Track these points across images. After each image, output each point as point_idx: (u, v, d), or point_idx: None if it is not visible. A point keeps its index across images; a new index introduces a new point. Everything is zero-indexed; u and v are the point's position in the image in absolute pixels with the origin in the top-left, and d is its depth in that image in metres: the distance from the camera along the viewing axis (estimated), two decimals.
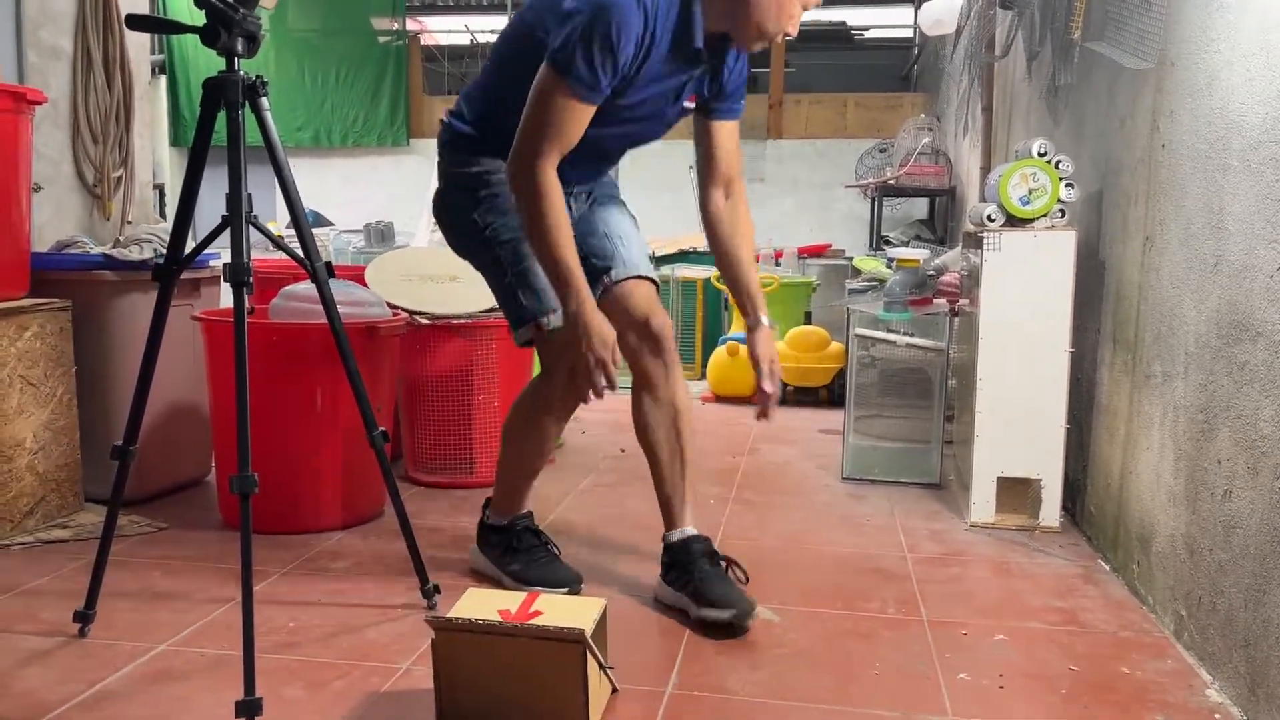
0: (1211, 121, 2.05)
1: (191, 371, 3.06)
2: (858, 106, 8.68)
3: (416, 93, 9.18)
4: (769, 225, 8.65)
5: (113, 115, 3.50)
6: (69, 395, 2.77)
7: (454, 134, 2.23)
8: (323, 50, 9.01)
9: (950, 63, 5.31)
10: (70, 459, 2.78)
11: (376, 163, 9.21)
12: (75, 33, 3.40)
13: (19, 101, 2.63)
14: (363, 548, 2.61)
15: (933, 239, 6.58)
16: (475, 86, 2.26)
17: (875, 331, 3.67)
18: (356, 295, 2.88)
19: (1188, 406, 2.12)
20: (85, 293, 2.84)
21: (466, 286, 3.35)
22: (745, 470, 3.57)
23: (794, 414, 4.70)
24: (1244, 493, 1.82)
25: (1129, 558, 2.44)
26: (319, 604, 2.22)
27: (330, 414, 2.68)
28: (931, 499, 3.20)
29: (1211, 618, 1.93)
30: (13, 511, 2.61)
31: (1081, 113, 3.08)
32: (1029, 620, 2.20)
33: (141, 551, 2.55)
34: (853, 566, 2.55)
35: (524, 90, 1.98)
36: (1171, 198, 2.26)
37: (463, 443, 3.19)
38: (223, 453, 2.81)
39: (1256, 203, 1.82)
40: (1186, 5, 2.21)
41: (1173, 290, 2.23)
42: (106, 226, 3.49)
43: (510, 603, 1.71)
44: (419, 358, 3.17)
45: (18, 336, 2.60)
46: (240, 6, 1.82)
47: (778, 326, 5.59)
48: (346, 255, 7.57)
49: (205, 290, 3.18)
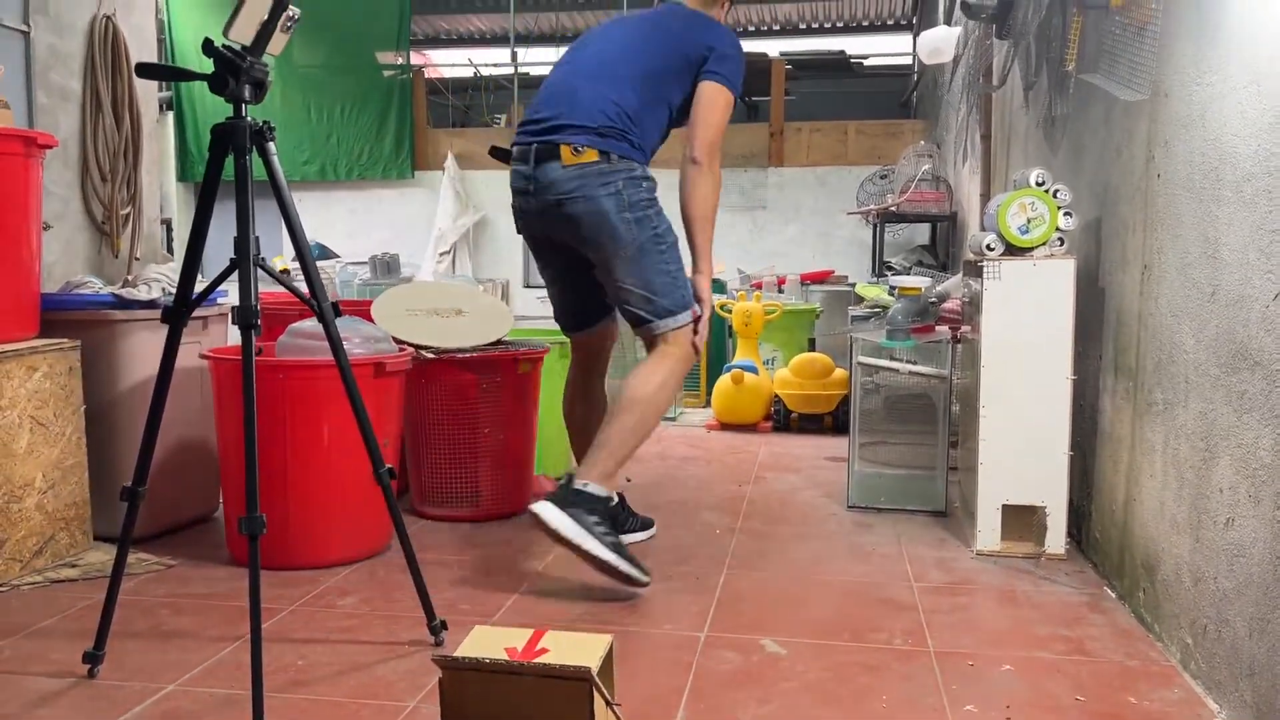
0: (1205, 153, 2.07)
1: (199, 407, 3.08)
2: (858, 134, 8.73)
3: (421, 126, 9.26)
4: (771, 252, 8.70)
5: (121, 154, 3.55)
6: (78, 434, 2.80)
7: (626, 149, 2.61)
8: (328, 85, 9.10)
9: (949, 91, 5.35)
10: (79, 498, 2.80)
11: (382, 195, 9.28)
12: (84, 74, 3.46)
13: (29, 145, 2.67)
14: (370, 583, 2.62)
15: (935, 265, 6.60)
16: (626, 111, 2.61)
17: (878, 360, 3.69)
18: (363, 331, 2.91)
19: (1189, 434, 2.13)
20: (94, 332, 2.87)
21: (472, 320, 3.38)
22: (751, 499, 3.58)
23: (799, 441, 4.71)
24: (1246, 521, 1.83)
25: (1135, 585, 2.44)
26: (327, 641, 2.23)
27: (337, 450, 2.70)
28: (937, 527, 3.20)
29: (1217, 646, 1.94)
30: (22, 551, 2.63)
31: (1079, 142, 3.11)
32: (1036, 650, 2.20)
33: (150, 590, 2.57)
34: (860, 597, 2.55)
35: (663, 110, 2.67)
36: (1168, 227, 2.28)
37: (469, 476, 3.21)
38: (231, 489, 2.83)
39: (1251, 233, 1.84)
40: (1179, 37, 2.24)
41: (1171, 319, 2.25)
42: (115, 263, 3.53)
43: (517, 640, 1.72)
44: (425, 391, 3.19)
45: (28, 377, 2.63)
46: (248, 54, 1.86)
47: (780, 354, 5.62)
48: (352, 287, 7.61)
49: (213, 327, 3.21)
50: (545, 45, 11.10)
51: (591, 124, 2.58)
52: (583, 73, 2.69)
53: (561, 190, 2.59)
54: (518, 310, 8.17)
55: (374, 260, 7.89)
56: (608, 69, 2.66)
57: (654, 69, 2.65)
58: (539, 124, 2.66)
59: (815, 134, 8.81)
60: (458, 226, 8.94)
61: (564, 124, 2.60)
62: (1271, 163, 1.77)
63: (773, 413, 5.02)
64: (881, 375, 3.84)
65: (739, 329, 5.33)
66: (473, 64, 10.91)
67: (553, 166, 2.59)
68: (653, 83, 2.65)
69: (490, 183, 9.20)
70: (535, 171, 2.62)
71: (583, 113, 2.60)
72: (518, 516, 3.28)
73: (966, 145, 5.27)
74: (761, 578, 2.70)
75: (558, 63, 2.84)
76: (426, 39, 11.44)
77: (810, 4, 10.32)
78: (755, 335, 5.31)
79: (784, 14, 10.75)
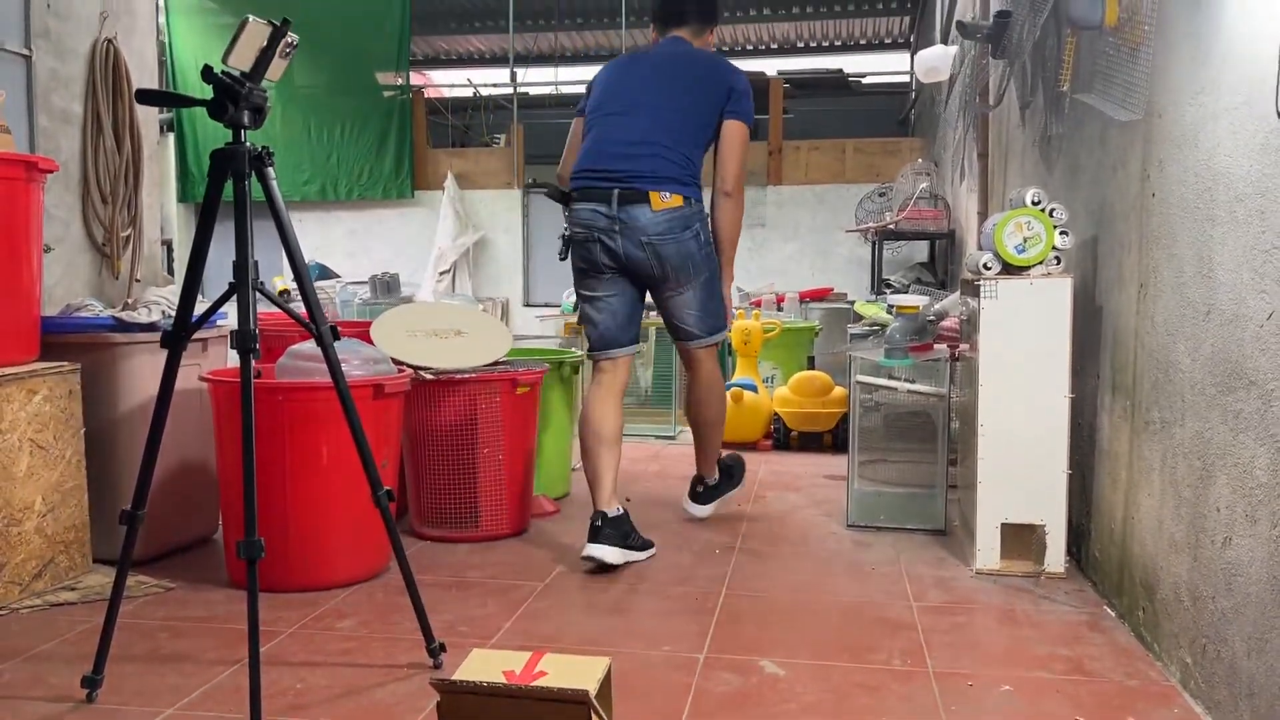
0: (1199, 173, 2.08)
1: (198, 429, 3.09)
2: (856, 152, 8.77)
3: (421, 146, 9.30)
4: (771, 270, 8.71)
5: (122, 176, 3.57)
6: (78, 457, 2.80)
7: (696, 192, 3.11)
8: (328, 105, 9.15)
9: (946, 110, 5.38)
10: (79, 520, 2.81)
11: (382, 215, 9.31)
12: (86, 97, 3.48)
13: (30, 170, 2.69)
14: (369, 606, 2.62)
15: (933, 282, 6.62)
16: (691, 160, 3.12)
17: (876, 378, 3.69)
18: (362, 353, 2.92)
19: (1186, 453, 2.13)
20: (94, 355, 2.88)
21: (471, 341, 3.39)
22: (751, 517, 3.58)
23: (799, 459, 4.71)
24: (1243, 540, 1.83)
25: (1134, 604, 2.44)
26: (326, 664, 2.23)
27: (336, 472, 2.70)
28: (937, 545, 3.20)
29: (1216, 666, 1.93)
30: (21, 574, 2.63)
31: (1075, 160, 3.13)
32: (1035, 669, 2.20)
33: (149, 613, 2.57)
34: (859, 617, 2.55)
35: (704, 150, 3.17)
36: (1163, 246, 2.29)
37: (468, 497, 3.21)
38: (230, 511, 2.83)
39: (1244, 253, 1.85)
40: (1172, 58, 2.25)
41: (1167, 337, 2.26)
42: (115, 285, 3.54)
43: (515, 663, 1.72)
44: (424, 412, 3.20)
45: (27, 400, 2.64)
46: (247, 80, 1.87)
47: (780, 372, 5.63)
48: (353, 307, 7.64)
49: (213, 349, 3.22)
50: (544, 65, 11.16)
51: (672, 175, 3.07)
52: (645, 127, 3.11)
53: (653, 231, 3.05)
54: (517, 329, 8.19)
55: (374, 280, 7.92)
56: (663, 122, 3.11)
57: (701, 121, 3.15)
58: (614, 172, 3.08)
59: (814, 152, 8.84)
60: (457, 246, 8.96)
61: (646, 173, 3.06)
62: (1264, 183, 1.78)
63: (772, 431, 5.02)
64: (881, 393, 3.85)
65: (738, 347, 5.34)
66: (472, 84, 10.97)
67: (642, 210, 3.04)
68: (702, 132, 3.16)
69: (490, 202, 9.23)
70: (620, 213, 3.05)
71: (662, 164, 3.07)
72: (517, 536, 3.28)
73: (964, 163, 5.29)
74: (761, 598, 2.70)
75: (600, 110, 3.21)
76: (426, 59, 11.50)
77: (808, 23, 10.38)
78: (754, 353, 5.32)
79: (782, 33, 10.82)
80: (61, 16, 3.37)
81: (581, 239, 3.11)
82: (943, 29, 6.66)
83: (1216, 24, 2.00)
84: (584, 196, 3.11)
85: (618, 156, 3.08)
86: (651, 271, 3.10)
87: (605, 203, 3.06)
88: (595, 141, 3.16)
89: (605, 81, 3.25)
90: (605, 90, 3.23)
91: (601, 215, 3.06)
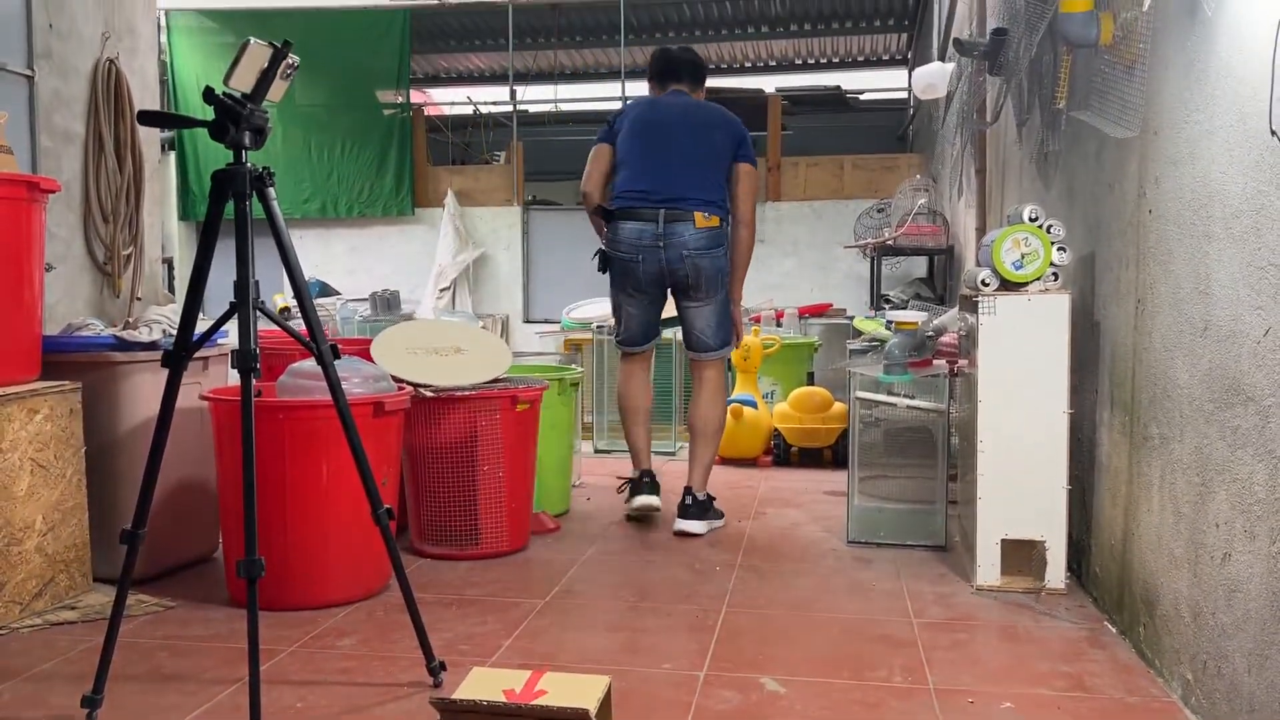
0: (1195, 189, 2.09)
1: (199, 447, 3.09)
2: (855, 168, 8.79)
3: (421, 163, 9.33)
4: (770, 285, 8.72)
5: (123, 195, 3.58)
6: (78, 476, 2.81)
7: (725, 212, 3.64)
8: (328, 123, 9.18)
9: (943, 126, 5.40)
10: (79, 539, 2.81)
11: (383, 232, 9.34)
12: (87, 117, 3.50)
13: (32, 190, 2.70)
14: (369, 624, 2.62)
15: (932, 297, 6.63)
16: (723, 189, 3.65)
17: (876, 394, 3.70)
18: (363, 370, 2.93)
19: (1185, 469, 2.14)
20: (95, 374, 2.89)
21: (471, 358, 3.40)
22: (751, 534, 3.58)
23: (799, 475, 4.71)
24: (1242, 556, 1.83)
25: (1135, 620, 2.43)
26: (326, 683, 2.22)
27: (336, 490, 2.71)
28: (937, 561, 3.20)
29: (1217, 682, 1.93)
30: (21, 594, 2.63)
31: (1072, 177, 3.14)
32: (1036, 686, 2.20)
33: (149, 632, 2.56)
34: (859, 633, 2.55)
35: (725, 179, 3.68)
36: (1160, 262, 2.30)
37: (468, 514, 3.21)
38: (230, 530, 2.83)
39: (1241, 270, 1.86)
40: (1167, 76, 2.27)
41: (1165, 353, 2.26)
42: (116, 303, 3.55)
43: (515, 682, 1.72)
44: (424, 430, 3.20)
45: (29, 420, 2.64)
46: (248, 102, 1.89)
47: (779, 388, 5.63)
48: (353, 324, 7.64)
49: (214, 367, 3.23)
50: (543, 83, 11.21)
51: (711, 199, 3.60)
52: (680, 162, 3.62)
53: (694, 245, 3.56)
54: (517, 346, 8.19)
55: (374, 297, 7.93)
56: (698, 156, 3.64)
57: (723, 160, 3.68)
58: (660, 195, 3.59)
59: (812, 168, 8.87)
60: (458, 263, 8.99)
61: (690, 196, 3.57)
62: (1259, 200, 1.79)
63: (772, 447, 5.02)
64: (880, 409, 3.85)
65: (737, 363, 5.34)
66: (472, 101, 11.01)
67: (686, 226, 3.55)
68: (724, 168, 3.69)
69: (490, 219, 9.26)
70: (666, 230, 3.56)
71: (704, 190, 3.60)
72: (518, 554, 3.29)
73: (962, 179, 5.31)
74: (761, 615, 2.70)
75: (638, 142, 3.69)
76: (426, 77, 11.54)
77: (806, 40, 10.43)
78: (754, 369, 5.33)
79: (780, 50, 10.87)
80: (64, 37, 3.39)
81: (628, 255, 3.63)
82: (940, 46, 6.70)
83: (1210, 42, 2.02)
84: (630, 216, 3.62)
85: (663, 182, 3.60)
86: (688, 281, 3.62)
87: (653, 221, 3.57)
88: (640, 169, 3.65)
89: (636, 119, 3.73)
90: (639, 125, 3.71)
91: (649, 233, 3.58)
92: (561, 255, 8.96)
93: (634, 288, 3.68)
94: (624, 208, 3.64)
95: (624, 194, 3.65)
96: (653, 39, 10.20)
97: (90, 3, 3.51)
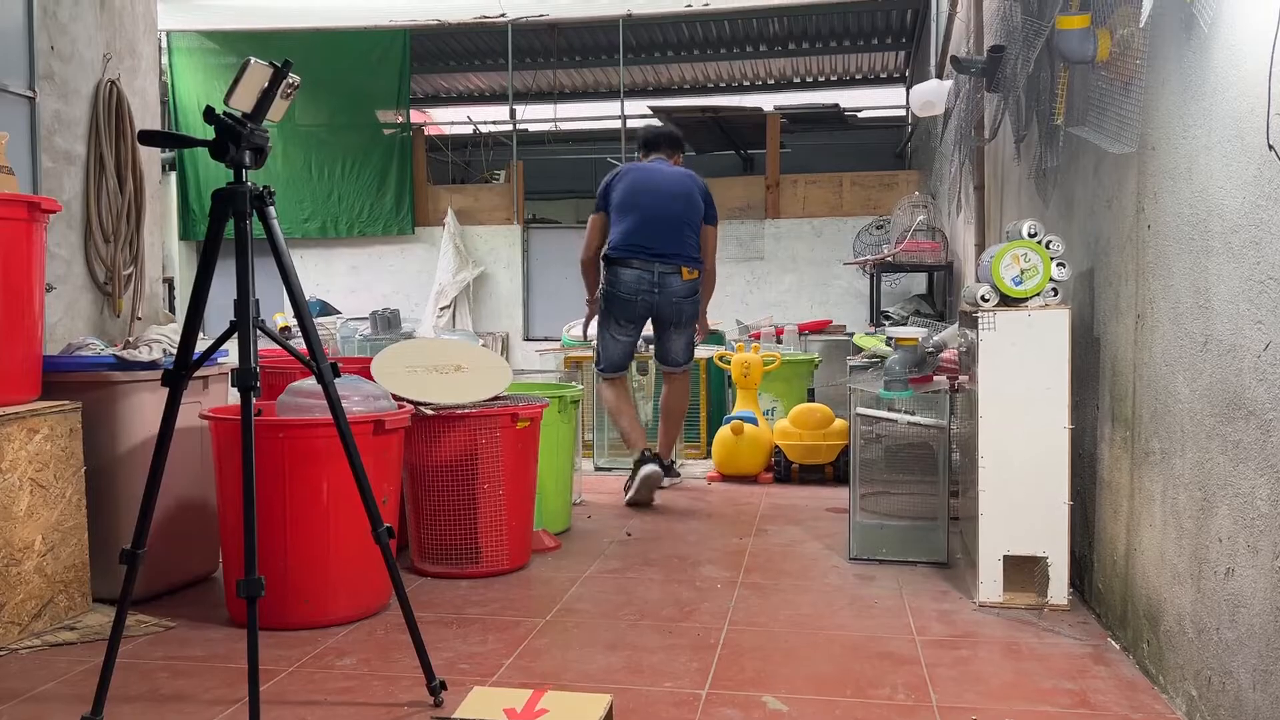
0: (1193, 204, 2.10)
1: (199, 466, 3.09)
2: (853, 185, 8.82)
3: (421, 182, 9.36)
4: (769, 303, 8.73)
5: (124, 215, 3.59)
6: (78, 496, 2.80)
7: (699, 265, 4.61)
8: (329, 143, 9.23)
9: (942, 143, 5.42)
10: (79, 560, 2.80)
11: (383, 251, 9.36)
12: (89, 138, 3.51)
13: (33, 210, 2.71)
14: (369, 643, 2.61)
15: (932, 314, 6.63)
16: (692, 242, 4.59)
17: (876, 410, 3.69)
18: (363, 389, 2.92)
19: (1187, 484, 2.13)
20: (95, 393, 2.89)
21: (471, 376, 3.39)
22: (753, 552, 3.57)
23: (800, 492, 4.70)
24: (1246, 571, 1.83)
25: (1139, 637, 2.42)
26: (326, 703, 2.21)
27: (337, 509, 2.70)
28: (939, 578, 3.19)
29: (1222, 698, 1.92)
30: (21, 615, 2.62)
31: (1070, 193, 3.15)
32: (1039, 704, 2.19)
33: (148, 652, 2.55)
34: (862, 651, 2.53)
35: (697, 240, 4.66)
36: (1160, 277, 2.31)
37: (468, 532, 3.20)
38: (230, 549, 2.82)
39: (1240, 284, 1.86)
40: (1164, 92, 2.28)
41: (1165, 368, 2.26)
42: (117, 323, 3.56)
43: (516, 701, 1.71)
44: (424, 448, 3.20)
45: (28, 440, 2.64)
46: (248, 121, 1.89)
47: (780, 404, 5.62)
48: (354, 343, 7.65)
49: (214, 386, 3.23)
50: (543, 103, 11.26)
51: (692, 255, 4.57)
52: (672, 220, 4.55)
53: (681, 295, 4.55)
54: (518, 364, 8.19)
55: (375, 316, 7.95)
56: (682, 217, 4.57)
57: (697, 220, 4.63)
58: (652, 249, 4.50)
59: (811, 186, 8.90)
60: (458, 281, 9.00)
61: (678, 254, 4.52)
62: (1257, 214, 1.80)
63: (773, 463, 5.01)
64: (881, 425, 3.84)
65: (738, 380, 5.34)
66: (472, 121, 11.06)
67: (675, 278, 4.52)
68: (698, 227, 4.64)
69: (490, 238, 9.29)
70: (659, 279, 4.50)
71: (686, 247, 4.56)
72: (518, 572, 3.27)
73: (960, 196, 5.33)
74: (763, 632, 2.69)
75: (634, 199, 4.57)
76: (426, 97, 11.60)
77: (804, 59, 10.48)
78: (754, 386, 5.32)
79: (778, 69, 10.93)
80: (65, 59, 3.41)
81: (627, 296, 4.51)
82: (938, 64, 6.73)
83: (1207, 58, 2.03)
84: (630, 265, 4.50)
85: (657, 238, 4.50)
86: (672, 321, 4.60)
87: (649, 271, 4.49)
88: (638, 223, 4.52)
89: (632, 182, 4.61)
90: (637, 186, 4.59)
91: (646, 279, 4.49)
92: (561, 273, 8.98)
93: (627, 319, 4.58)
94: (625, 257, 4.50)
95: (625, 245, 4.50)
96: (651, 58, 10.26)
97: (92, 25, 3.53)
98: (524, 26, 9.12)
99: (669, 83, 11.20)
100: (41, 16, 3.31)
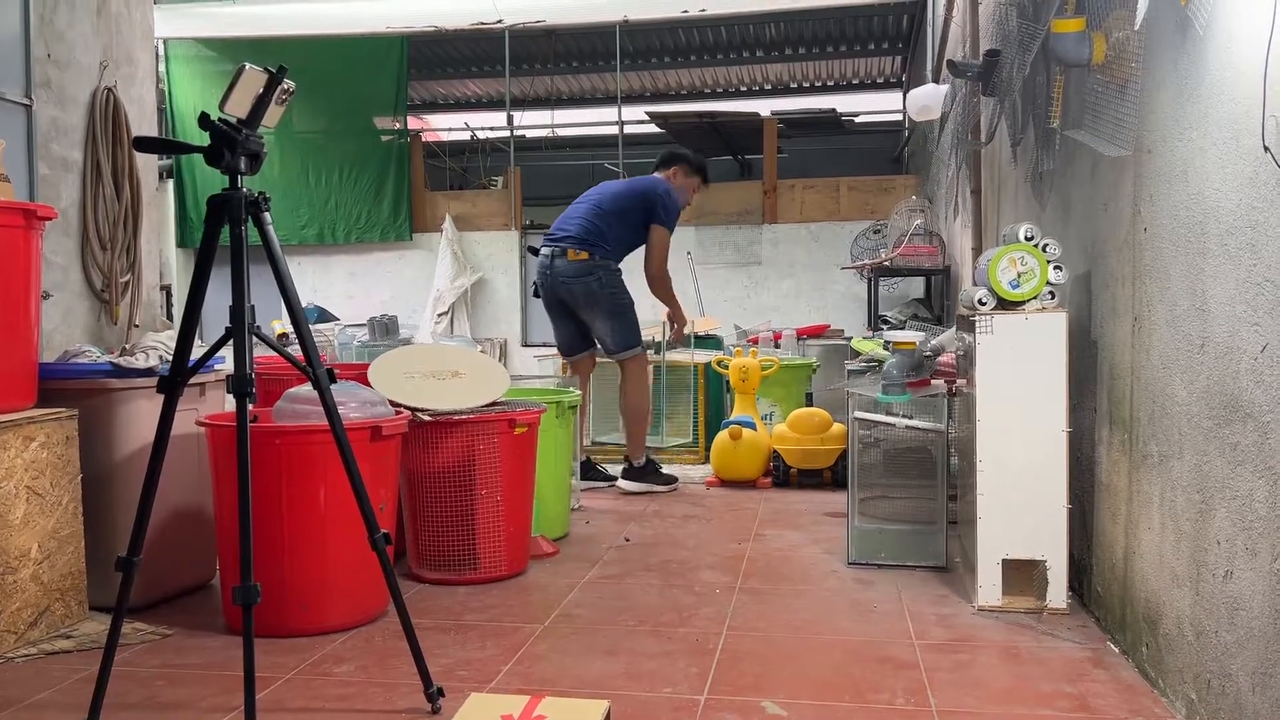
0: (1190, 207, 2.10)
1: (195, 473, 3.08)
2: (851, 189, 8.83)
3: (419, 189, 9.37)
4: (767, 307, 8.73)
5: (121, 222, 3.59)
6: (75, 504, 2.79)
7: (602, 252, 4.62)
8: (327, 150, 9.23)
9: (938, 147, 5.43)
10: (75, 567, 2.79)
11: (381, 258, 9.36)
12: (85, 145, 3.51)
13: (30, 217, 2.70)
14: (366, 650, 2.60)
15: (930, 317, 6.64)
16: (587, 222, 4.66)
17: (874, 414, 3.69)
18: (360, 395, 2.92)
19: (1185, 486, 2.13)
20: (92, 401, 2.88)
21: (469, 381, 3.39)
22: (751, 557, 3.56)
23: (799, 496, 4.69)
24: (1244, 574, 1.82)
25: (1138, 640, 2.42)
26: (323, 710, 2.20)
27: (333, 515, 2.69)
28: (938, 582, 3.18)
29: (1221, 701, 1.92)
30: (16, 623, 2.61)
31: (1066, 196, 3.15)
32: (1039, 708, 2.18)
33: (145, 660, 2.54)
34: (861, 656, 2.53)
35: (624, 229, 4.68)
36: (1156, 280, 2.31)
37: (466, 538, 3.19)
38: (227, 556, 2.82)
39: (1237, 286, 1.86)
40: (1160, 94, 2.28)
41: (1163, 371, 2.26)
42: (114, 330, 3.55)
43: (514, 707, 1.71)
44: (421, 454, 3.19)
45: (24, 447, 2.63)
46: (243, 127, 1.89)
47: (778, 409, 5.62)
48: (351, 349, 7.64)
49: (210, 393, 3.22)
50: (540, 109, 11.27)
51: (582, 237, 4.60)
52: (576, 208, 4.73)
53: (565, 275, 4.60)
54: (516, 369, 8.19)
55: (372, 322, 7.93)
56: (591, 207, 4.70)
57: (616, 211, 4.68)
58: (551, 234, 4.70)
59: (808, 190, 8.91)
60: (455, 287, 9.00)
61: (567, 235, 4.63)
62: (1253, 216, 1.80)
63: (772, 468, 5.01)
64: (879, 429, 3.84)
65: (736, 384, 5.34)
66: (469, 127, 11.07)
67: (561, 260, 4.61)
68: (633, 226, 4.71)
69: (487, 244, 9.29)
70: (551, 262, 4.64)
71: (580, 230, 4.62)
72: (516, 578, 3.27)
73: (957, 200, 5.33)
74: (762, 638, 2.68)
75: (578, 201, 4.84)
76: (424, 103, 11.61)
77: (801, 64, 10.50)
78: (752, 390, 5.32)
79: (775, 74, 10.94)
80: (62, 66, 3.41)
81: (536, 281, 4.78)
82: (934, 68, 6.74)
83: (1202, 60, 2.03)
84: (542, 254, 4.73)
85: (559, 224, 4.72)
86: (570, 304, 4.66)
87: (547, 255, 4.68)
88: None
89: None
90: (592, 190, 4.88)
91: (544, 263, 4.70)
92: None
93: (546, 307, 4.80)
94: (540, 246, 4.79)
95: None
96: (648, 64, 10.28)
97: (89, 32, 3.54)
98: (521, 33, 9.13)
99: (666, 88, 11.21)
100: (38, 24, 3.32)
